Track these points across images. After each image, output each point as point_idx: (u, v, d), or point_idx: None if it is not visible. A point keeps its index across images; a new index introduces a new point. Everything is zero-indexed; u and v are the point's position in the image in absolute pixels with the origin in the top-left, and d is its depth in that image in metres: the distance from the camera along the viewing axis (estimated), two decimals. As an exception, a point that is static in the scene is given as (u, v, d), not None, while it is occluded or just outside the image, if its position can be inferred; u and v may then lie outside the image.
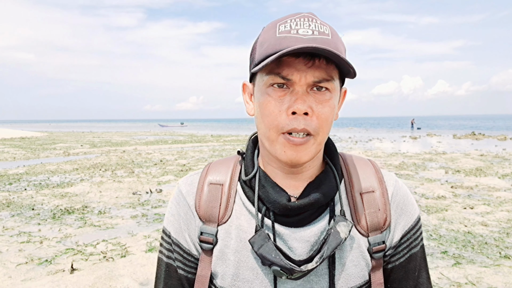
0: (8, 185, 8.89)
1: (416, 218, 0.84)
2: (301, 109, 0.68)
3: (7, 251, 4.47)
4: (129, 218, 5.93)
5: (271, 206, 0.76)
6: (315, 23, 0.71)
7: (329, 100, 0.71)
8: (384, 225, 0.79)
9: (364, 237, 0.79)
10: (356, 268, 0.78)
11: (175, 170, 11.12)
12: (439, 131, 41.17)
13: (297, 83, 0.69)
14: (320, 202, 0.76)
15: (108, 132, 45.45)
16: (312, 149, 0.73)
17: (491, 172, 10.10)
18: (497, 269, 3.85)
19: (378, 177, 0.83)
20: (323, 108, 0.71)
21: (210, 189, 0.81)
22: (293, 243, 0.76)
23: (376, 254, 0.79)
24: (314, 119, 0.70)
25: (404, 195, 0.83)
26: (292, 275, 0.72)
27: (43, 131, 49.12)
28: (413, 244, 0.83)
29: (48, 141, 26.93)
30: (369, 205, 0.79)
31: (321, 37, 0.69)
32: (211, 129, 59.95)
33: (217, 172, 0.84)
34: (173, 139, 28.68)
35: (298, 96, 0.69)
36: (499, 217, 5.72)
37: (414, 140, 25.61)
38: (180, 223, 0.83)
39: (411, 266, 0.83)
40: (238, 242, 0.78)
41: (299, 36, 0.68)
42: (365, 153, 15.77)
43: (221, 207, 0.80)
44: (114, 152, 17.71)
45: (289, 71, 0.69)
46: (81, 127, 77.72)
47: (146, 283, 3.62)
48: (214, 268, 0.79)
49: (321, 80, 0.70)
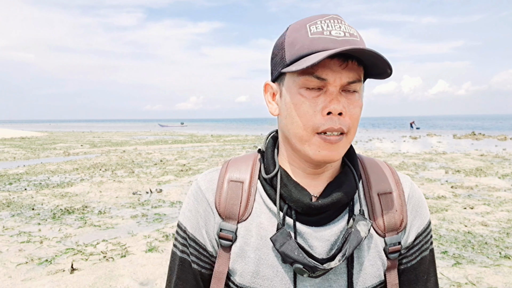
0: (8, 185, 8.89)
1: (428, 221, 0.86)
2: (337, 109, 0.70)
3: (7, 251, 4.47)
4: (129, 218, 5.94)
5: (294, 204, 0.77)
6: (344, 25, 0.72)
7: (358, 100, 0.74)
8: (401, 226, 0.81)
9: (381, 237, 0.80)
10: (373, 268, 0.79)
11: (175, 170, 11.12)
12: (439, 131, 41.17)
13: (332, 83, 0.70)
14: (342, 201, 0.77)
15: (108, 132, 45.46)
16: (344, 148, 0.75)
17: (491, 172, 10.10)
18: (497, 269, 3.85)
19: (395, 179, 0.84)
20: (354, 108, 0.73)
21: (230, 186, 0.82)
22: (314, 242, 0.77)
23: (392, 255, 0.80)
24: (347, 119, 0.72)
25: (419, 197, 0.85)
26: (314, 273, 0.73)
27: (43, 131, 49.14)
28: (424, 247, 0.84)
29: (48, 141, 26.94)
30: (387, 205, 0.81)
31: (352, 39, 0.71)
32: (211, 129, 59.96)
33: (237, 170, 0.84)
34: (173, 139, 28.69)
35: (333, 97, 0.71)
36: (499, 217, 5.72)
37: (414, 140, 25.61)
38: (198, 219, 0.83)
39: (421, 269, 0.84)
40: (258, 240, 0.79)
41: (333, 37, 0.70)
42: (365, 153, 15.77)
43: (241, 205, 0.80)
44: (114, 152, 17.71)
45: (324, 71, 0.70)
46: (81, 127, 77.73)
47: (146, 283, 3.62)
48: (232, 265, 0.80)
49: (354, 81, 0.71)
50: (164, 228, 5.32)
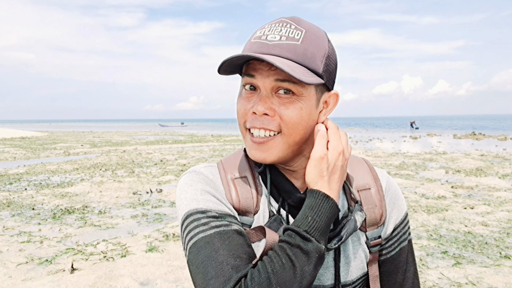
0: (9, 184, 8.89)
1: (405, 212, 0.89)
2: (260, 110, 0.73)
3: (7, 251, 4.47)
4: (129, 218, 5.94)
5: (286, 195, 0.80)
6: (287, 28, 0.73)
7: (294, 102, 0.73)
8: (381, 220, 0.84)
9: (362, 231, 0.83)
10: (356, 261, 0.82)
11: (175, 170, 11.13)
12: (439, 131, 41.16)
13: (261, 84, 0.74)
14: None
15: (108, 132, 45.47)
16: (278, 149, 0.75)
17: (492, 172, 10.10)
18: (498, 269, 3.85)
19: (373, 175, 0.87)
20: (286, 109, 0.73)
21: (237, 183, 0.82)
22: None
23: (373, 248, 0.84)
24: (276, 119, 0.74)
25: (395, 190, 0.89)
26: None
27: (44, 131, 49.15)
28: (402, 237, 0.87)
29: (48, 141, 26.94)
30: (367, 201, 0.83)
31: (287, 43, 0.72)
32: (212, 129, 59.96)
33: (236, 168, 0.85)
34: (174, 139, 28.69)
35: (261, 98, 0.74)
36: (499, 217, 5.71)
37: (415, 140, 25.60)
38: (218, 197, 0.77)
39: (400, 260, 0.87)
40: None
41: (266, 42, 0.73)
42: (366, 153, 15.77)
43: (253, 198, 0.82)
44: (114, 152, 17.71)
45: (255, 72, 0.74)
46: (81, 127, 77.75)
47: (146, 283, 3.62)
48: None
49: (284, 79, 0.71)
50: (164, 228, 5.32)
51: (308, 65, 0.72)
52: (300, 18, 0.77)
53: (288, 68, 0.68)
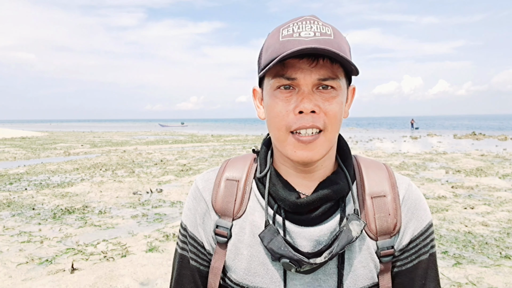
0: (9, 184, 8.90)
1: (426, 224, 0.82)
2: (308, 107, 0.71)
3: (7, 250, 4.47)
4: (130, 218, 5.94)
5: (281, 203, 0.78)
6: (317, 25, 0.73)
7: (336, 97, 0.73)
8: (394, 230, 0.79)
9: (372, 240, 0.79)
10: (364, 270, 0.78)
11: (175, 170, 11.13)
12: (439, 131, 41.15)
13: (302, 83, 0.71)
14: (329, 198, 0.77)
15: (108, 132, 45.47)
16: (323, 147, 0.74)
17: (492, 172, 10.09)
18: (498, 269, 3.85)
19: (391, 182, 0.83)
20: (330, 105, 0.72)
21: (226, 184, 0.84)
22: (302, 241, 0.77)
23: (384, 258, 0.79)
24: (322, 115, 0.72)
25: (415, 199, 0.83)
26: (301, 267, 0.73)
27: (44, 131, 49.16)
28: (422, 250, 0.82)
29: (48, 141, 26.95)
30: (379, 209, 0.80)
31: (323, 38, 0.71)
32: (212, 129, 59.96)
33: (234, 169, 0.87)
34: (174, 139, 28.69)
35: (304, 96, 0.71)
36: (499, 217, 5.71)
37: (415, 140, 25.60)
38: (196, 217, 0.86)
39: (418, 273, 0.82)
40: (251, 237, 0.81)
41: (301, 38, 0.71)
42: (366, 153, 15.76)
43: (236, 202, 0.82)
44: (114, 152, 17.71)
45: (294, 71, 0.71)
46: (81, 127, 77.76)
47: (147, 283, 3.62)
48: (228, 262, 0.82)
49: (326, 78, 0.71)
50: (164, 228, 5.32)
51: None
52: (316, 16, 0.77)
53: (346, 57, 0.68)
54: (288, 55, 0.68)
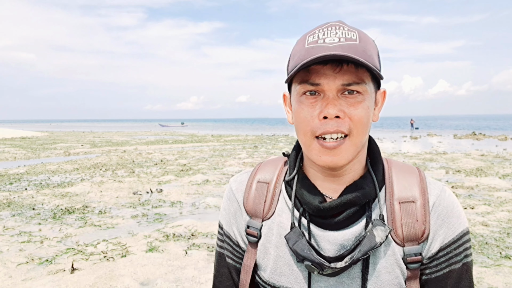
0: (9, 184, 8.90)
1: (459, 232, 0.80)
2: (332, 113, 0.72)
3: (7, 250, 4.47)
4: (130, 218, 5.94)
5: (306, 206, 0.80)
6: (342, 31, 0.74)
7: (361, 102, 0.74)
8: (422, 237, 0.78)
9: (399, 246, 0.78)
10: (390, 275, 0.78)
11: (175, 170, 11.13)
12: (439, 131, 41.15)
13: (327, 88, 0.72)
14: (353, 203, 0.77)
15: (108, 132, 45.47)
16: (349, 152, 0.75)
17: (492, 172, 10.10)
18: (498, 269, 3.85)
19: (422, 187, 0.81)
20: (355, 110, 0.73)
21: (257, 186, 0.88)
22: (326, 244, 0.78)
23: (411, 265, 0.78)
24: (347, 120, 0.73)
25: (447, 206, 0.80)
26: (323, 270, 0.75)
27: (44, 131, 49.16)
28: (453, 259, 0.80)
29: (48, 141, 26.95)
30: (407, 215, 0.78)
31: (348, 43, 0.71)
32: (212, 129, 59.96)
33: (265, 172, 0.90)
34: (174, 139, 28.69)
35: (328, 101, 0.72)
36: (499, 217, 5.71)
37: (415, 140, 25.60)
38: (230, 217, 0.91)
39: (448, 283, 0.80)
40: (278, 238, 0.83)
41: (326, 45, 0.72)
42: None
43: (265, 204, 0.85)
44: (114, 152, 17.71)
45: (317, 77, 0.72)
46: (81, 127, 77.77)
47: (147, 283, 3.62)
48: (258, 260, 0.85)
49: (350, 83, 0.72)
50: (164, 228, 5.32)
51: (370, 62, 0.72)
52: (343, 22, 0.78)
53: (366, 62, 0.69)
54: (309, 62, 0.69)
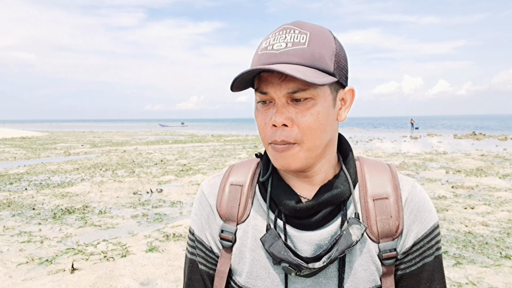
0: (9, 184, 8.90)
1: (431, 226, 0.81)
2: (278, 121, 0.72)
3: (7, 250, 4.47)
4: (130, 218, 5.94)
5: (281, 207, 0.79)
6: (292, 34, 0.73)
7: (311, 108, 0.72)
8: (396, 233, 0.79)
9: (374, 243, 0.79)
10: (365, 273, 0.78)
11: (175, 170, 11.13)
12: (439, 131, 41.15)
13: (275, 96, 0.73)
14: (328, 203, 0.77)
15: (108, 132, 45.48)
16: (301, 157, 0.75)
17: (492, 172, 10.10)
18: (498, 269, 3.85)
19: (394, 184, 0.82)
20: (303, 117, 0.72)
21: (230, 189, 0.86)
22: (303, 245, 0.78)
23: (386, 261, 0.78)
24: (295, 129, 0.73)
25: (419, 201, 0.81)
26: (300, 271, 0.74)
27: (44, 131, 49.17)
28: (426, 253, 0.81)
29: (48, 141, 26.95)
30: (381, 211, 0.79)
31: (294, 49, 0.71)
32: (212, 129, 59.97)
33: (238, 174, 0.88)
34: (174, 139, 28.69)
35: (277, 109, 0.73)
36: (499, 217, 5.71)
37: (415, 140, 25.60)
38: (202, 222, 0.88)
39: (423, 276, 0.81)
40: (253, 241, 0.81)
41: (273, 51, 0.72)
42: (366, 153, 15.76)
43: (240, 207, 0.84)
44: (114, 152, 17.72)
45: (265, 86, 0.73)
46: (81, 127, 77.78)
47: (147, 283, 3.62)
48: (233, 265, 0.83)
49: (296, 91, 0.71)
50: (164, 228, 5.32)
51: (318, 66, 0.71)
52: (302, 22, 0.76)
53: (298, 73, 0.67)
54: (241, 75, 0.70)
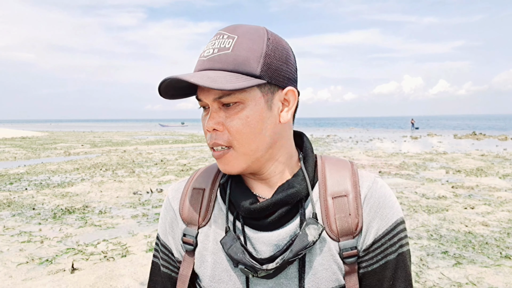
0: (9, 184, 8.90)
1: (393, 223, 0.79)
2: (209, 126, 0.75)
3: (8, 250, 4.47)
4: (130, 218, 5.94)
5: (238, 209, 0.79)
6: (220, 40, 0.75)
7: (239, 112, 0.73)
8: (356, 230, 0.77)
9: (334, 241, 0.77)
10: (327, 272, 0.77)
11: (175, 170, 11.13)
12: (440, 131, 41.16)
13: (207, 102, 0.75)
14: (284, 202, 0.76)
15: (108, 132, 45.49)
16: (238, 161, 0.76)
17: (492, 172, 10.10)
18: (498, 269, 3.85)
19: (353, 181, 0.81)
20: (231, 121, 0.74)
21: (192, 193, 0.87)
22: (261, 246, 0.77)
23: (347, 259, 0.77)
24: (225, 133, 0.75)
25: (379, 197, 0.79)
26: (256, 273, 0.73)
27: (44, 131, 49.18)
28: (388, 250, 0.78)
29: (48, 140, 26.96)
30: (340, 209, 0.78)
31: (218, 54, 0.73)
32: (212, 129, 59.95)
33: (201, 178, 0.89)
34: (174, 139, 28.70)
35: (210, 114, 0.75)
36: (499, 217, 5.71)
37: (415, 140, 25.60)
38: (166, 226, 0.90)
39: (386, 274, 0.79)
40: (214, 244, 0.82)
41: (202, 58, 0.75)
42: (366, 153, 15.77)
43: (201, 211, 0.84)
44: (114, 152, 17.72)
45: (200, 92, 0.76)
46: (81, 127, 77.80)
47: (147, 283, 3.62)
48: (196, 269, 0.84)
49: (221, 96, 0.73)
50: (164, 228, 5.33)
51: (241, 70, 0.71)
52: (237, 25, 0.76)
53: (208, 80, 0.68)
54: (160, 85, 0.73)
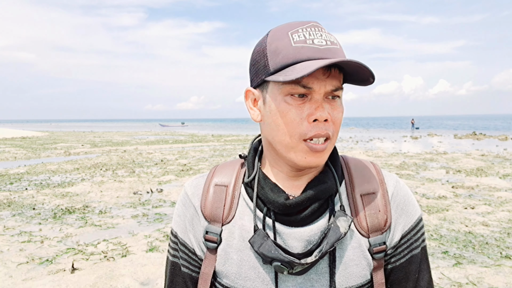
0: (9, 184, 8.90)
1: (416, 219, 0.84)
2: (323, 116, 0.72)
3: (8, 250, 4.47)
4: (130, 217, 5.94)
5: (270, 205, 0.78)
6: (325, 33, 0.75)
7: (340, 106, 0.77)
8: (385, 226, 0.80)
9: (364, 237, 0.80)
10: (357, 268, 0.79)
11: (176, 170, 11.13)
12: (440, 131, 41.14)
13: (317, 91, 0.72)
14: (317, 198, 0.77)
15: (109, 132, 45.49)
16: (328, 153, 0.78)
17: (492, 172, 10.09)
18: (498, 269, 3.85)
19: (379, 179, 0.84)
20: (337, 113, 0.76)
21: (215, 190, 0.85)
22: (293, 241, 0.78)
23: (377, 255, 0.80)
24: (331, 124, 0.75)
25: (404, 195, 0.84)
26: (293, 268, 0.74)
27: (44, 131, 49.18)
28: (413, 245, 0.83)
29: (49, 140, 26.96)
30: (370, 206, 0.81)
31: (333, 47, 0.73)
32: (212, 129, 59.98)
33: (223, 174, 0.87)
34: (174, 139, 28.70)
35: (318, 104, 0.73)
36: (500, 217, 5.71)
37: (415, 140, 25.59)
38: (186, 223, 0.87)
39: (412, 268, 0.83)
40: (240, 242, 0.81)
41: (316, 46, 0.72)
42: (366, 153, 15.77)
43: (225, 208, 0.83)
44: (115, 151, 17.72)
45: (310, 80, 0.71)
46: (82, 127, 77.81)
47: (147, 283, 3.62)
48: (218, 267, 0.82)
49: (337, 88, 0.74)
50: (164, 228, 5.33)
51: None
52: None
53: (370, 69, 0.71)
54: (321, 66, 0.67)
